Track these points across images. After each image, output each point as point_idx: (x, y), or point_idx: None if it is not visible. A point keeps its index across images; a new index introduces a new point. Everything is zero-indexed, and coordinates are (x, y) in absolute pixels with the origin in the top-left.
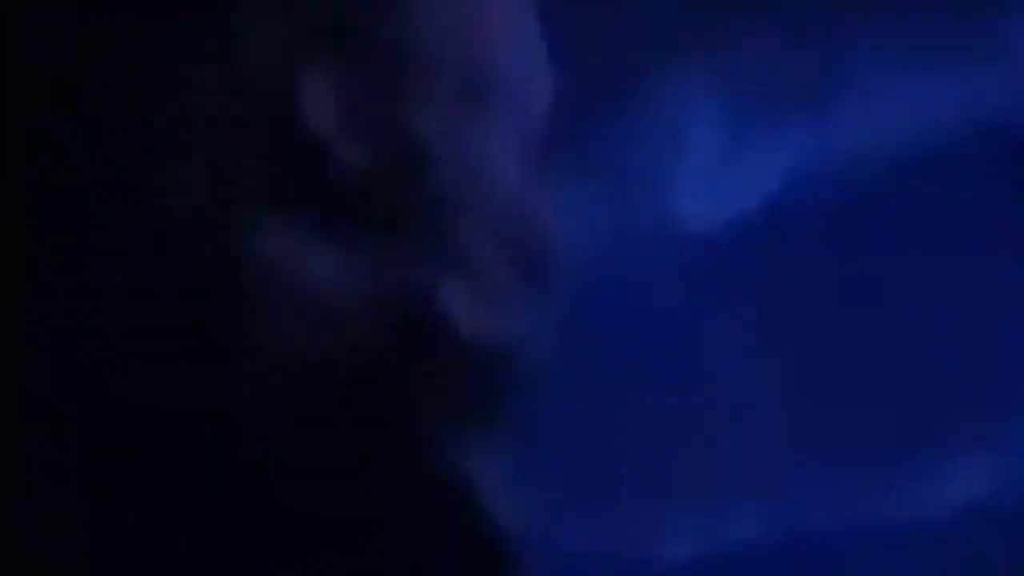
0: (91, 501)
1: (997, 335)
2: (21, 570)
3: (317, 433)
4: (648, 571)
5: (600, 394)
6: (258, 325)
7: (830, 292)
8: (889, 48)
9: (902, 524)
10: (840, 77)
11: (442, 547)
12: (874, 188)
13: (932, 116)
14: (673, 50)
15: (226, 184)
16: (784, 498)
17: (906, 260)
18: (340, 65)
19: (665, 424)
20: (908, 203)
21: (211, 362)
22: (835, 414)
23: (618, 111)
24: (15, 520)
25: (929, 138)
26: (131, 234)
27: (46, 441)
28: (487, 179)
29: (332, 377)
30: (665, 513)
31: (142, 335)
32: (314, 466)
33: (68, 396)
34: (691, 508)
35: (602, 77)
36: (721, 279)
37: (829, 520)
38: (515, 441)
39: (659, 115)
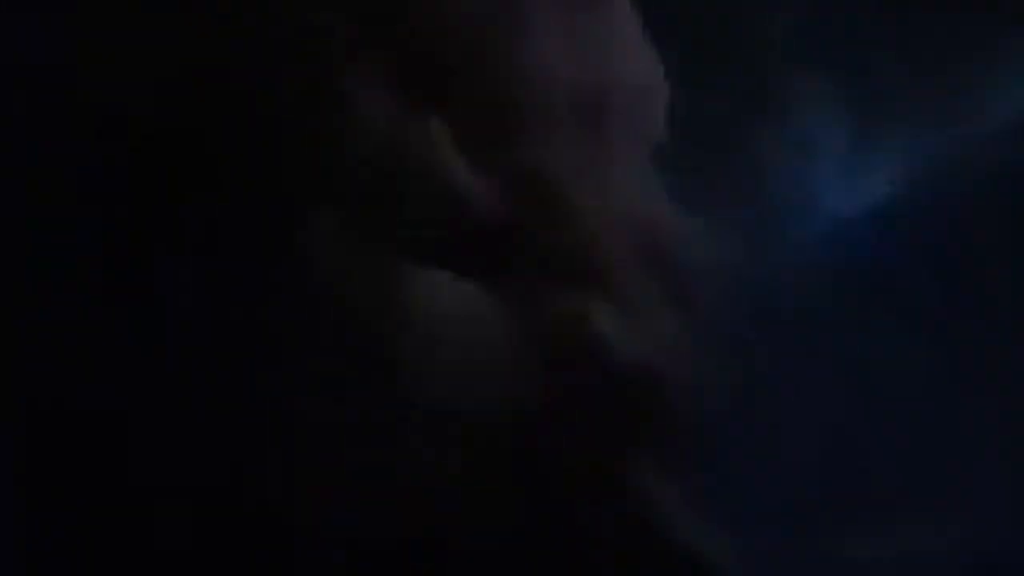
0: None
1: None
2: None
3: (484, 468)
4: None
5: (758, 398)
6: (414, 365)
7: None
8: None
9: None
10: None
11: (622, 567)
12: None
13: None
14: (802, 57)
15: (368, 233)
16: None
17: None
18: (461, 106)
19: (827, 424)
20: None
21: (370, 401)
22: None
23: (751, 117)
24: None
25: None
26: (283, 283)
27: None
28: (619, 197)
29: (496, 410)
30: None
31: (299, 376)
32: (484, 500)
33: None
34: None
35: (735, 86)
36: (865, 267)
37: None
38: (685, 457)
39: (791, 119)
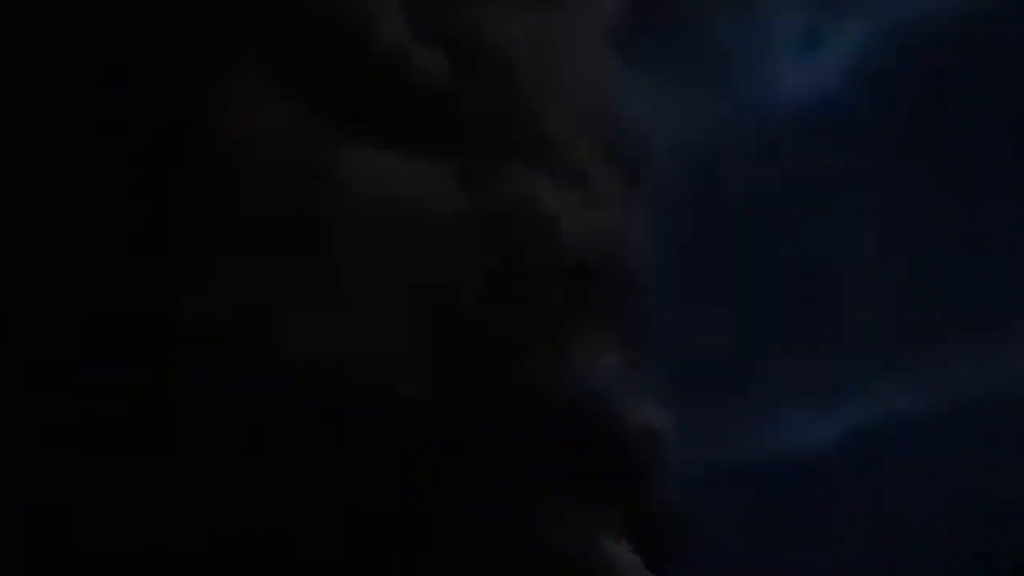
0: None
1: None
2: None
3: (426, 347)
4: (758, 462)
5: (703, 276)
6: (352, 241)
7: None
8: None
9: None
10: None
11: (569, 438)
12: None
13: None
14: None
15: (309, 106)
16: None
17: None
18: None
19: (774, 307)
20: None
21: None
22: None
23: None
24: None
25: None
26: (221, 157)
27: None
28: (572, 77)
29: (439, 287)
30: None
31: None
32: (429, 375)
33: None
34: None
35: None
36: (818, 152)
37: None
38: (630, 341)
39: (748, 5)
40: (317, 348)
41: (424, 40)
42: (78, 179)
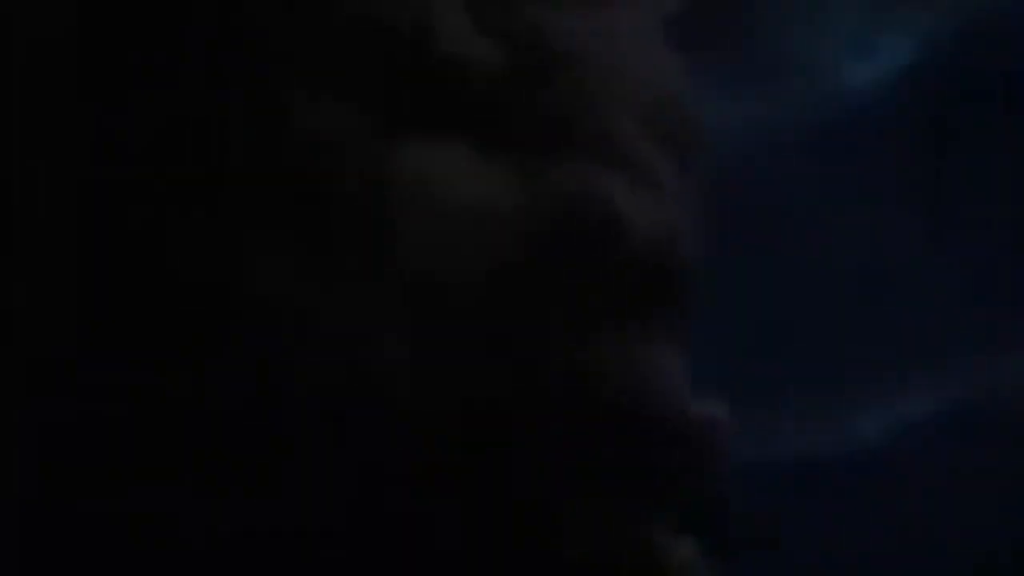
0: None
1: None
2: None
3: (482, 343)
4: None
5: (764, 267)
6: (408, 239)
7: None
8: None
9: None
10: None
11: (613, 435)
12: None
13: None
14: None
15: (369, 103)
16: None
17: None
18: None
19: (825, 298)
20: None
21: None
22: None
23: None
24: None
25: None
26: (273, 152)
27: None
28: (629, 70)
29: (497, 283)
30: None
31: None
32: (486, 369)
33: None
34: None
35: None
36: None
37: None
38: (687, 329)
39: None
40: (376, 346)
41: (484, 35)
42: (83, 177)
